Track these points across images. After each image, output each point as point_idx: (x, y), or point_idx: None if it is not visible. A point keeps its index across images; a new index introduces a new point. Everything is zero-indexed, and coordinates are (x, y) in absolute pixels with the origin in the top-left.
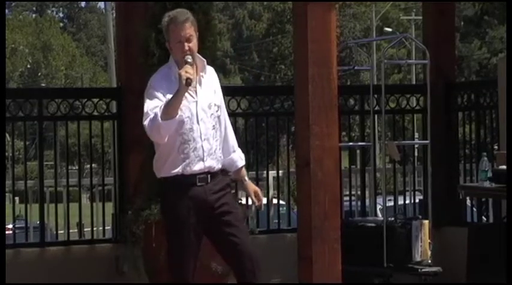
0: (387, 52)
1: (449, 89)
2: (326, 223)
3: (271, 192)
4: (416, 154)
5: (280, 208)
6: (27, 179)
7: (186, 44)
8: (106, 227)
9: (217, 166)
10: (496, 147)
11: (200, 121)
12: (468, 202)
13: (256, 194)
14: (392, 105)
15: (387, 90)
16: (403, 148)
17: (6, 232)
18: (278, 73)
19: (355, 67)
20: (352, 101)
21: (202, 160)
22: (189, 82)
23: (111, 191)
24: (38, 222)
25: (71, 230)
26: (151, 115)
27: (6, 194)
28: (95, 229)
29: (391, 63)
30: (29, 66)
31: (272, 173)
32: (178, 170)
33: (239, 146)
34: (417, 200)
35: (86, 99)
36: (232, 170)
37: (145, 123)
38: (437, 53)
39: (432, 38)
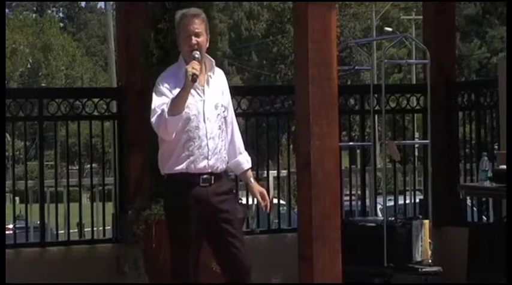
0: (387, 52)
1: (450, 89)
2: (326, 223)
3: (271, 192)
4: (416, 153)
5: (281, 208)
6: (28, 179)
7: (194, 38)
8: (106, 227)
9: (221, 166)
10: (496, 147)
11: (207, 120)
12: (468, 201)
13: (262, 195)
14: (393, 105)
15: (387, 89)
16: (403, 147)
17: (7, 232)
18: (278, 73)
19: (356, 67)
20: (352, 101)
21: (207, 159)
22: (194, 78)
23: (111, 191)
24: (38, 222)
25: (71, 230)
26: (158, 112)
27: (7, 194)
28: (95, 229)
29: (392, 62)
30: (29, 66)
31: (272, 173)
32: (182, 166)
33: None
34: (417, 200)
35: (86, 99)
36: (238, 172)
37: (153, 119)
38: (438, 53)
39: (432, 38)
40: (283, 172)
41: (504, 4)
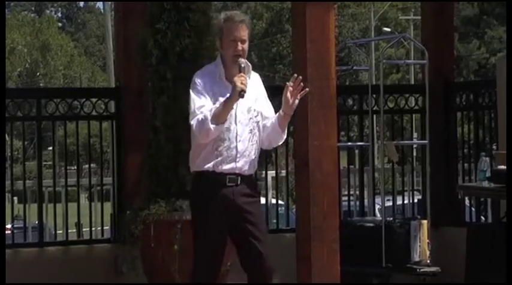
0: (386, 53)
1: (448, 89)
2: (325, 223)
3: (270, 192)
4: (414, 154)
5: (279, 208)
6: (26, 179)
7: (240, 44)
8: (104, 227)
9: (248, 169)
10: (494, 147)
11: (238, 123)
12: (467, 201)
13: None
14: (391, 105)
15: (386, 90)
16: (401, 148)
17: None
18: (277, 73)
19: (354, 67)
20: (350, 101)
21: (234, 161)
22: (242, 94)
23: (109, 191)
24: (37, 222)
25: (69, 230)
26: (199, 116)
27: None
28: (93, 229)
29: (390, 63)
30: (27, 65)
31: (271, 173)
32: (209, 165)
33: None
34: (416, 200)
35: (84, 99)
36: (278, 126)
37: (193, 122)
38: (436, 53)
39: (431, 38)
40: (282, 172)
41: (502, 5)
